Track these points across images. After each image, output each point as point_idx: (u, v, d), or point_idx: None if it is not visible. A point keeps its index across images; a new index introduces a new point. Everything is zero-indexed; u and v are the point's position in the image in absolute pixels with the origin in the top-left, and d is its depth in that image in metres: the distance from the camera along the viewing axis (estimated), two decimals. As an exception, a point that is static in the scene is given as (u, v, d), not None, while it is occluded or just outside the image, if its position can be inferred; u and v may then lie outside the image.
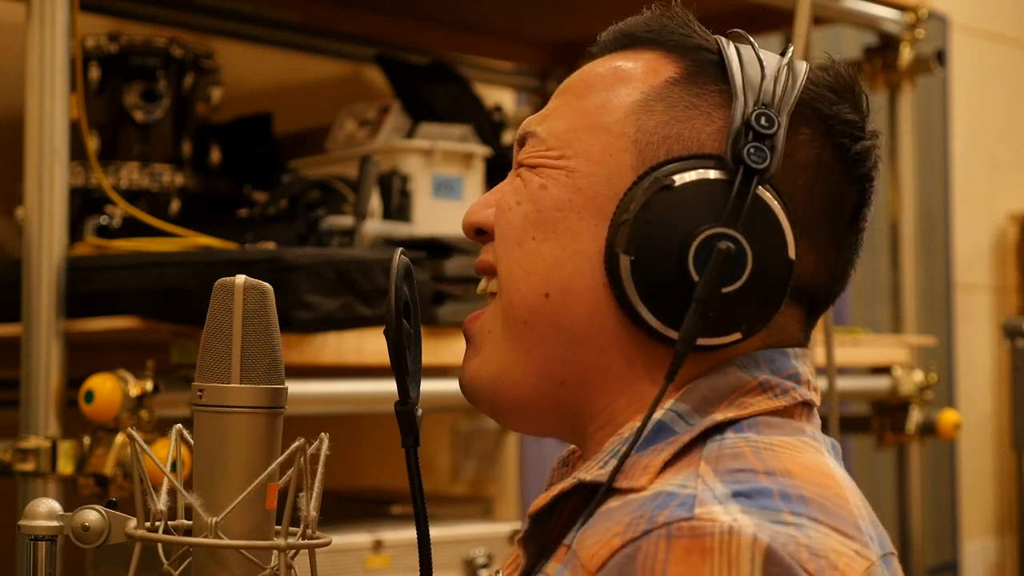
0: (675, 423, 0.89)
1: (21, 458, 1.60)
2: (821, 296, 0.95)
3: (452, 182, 2.16)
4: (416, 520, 0.96)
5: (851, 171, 0.93)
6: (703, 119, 0.91)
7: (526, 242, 0.93)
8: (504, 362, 0.95)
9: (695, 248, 0.86)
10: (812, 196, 0.92)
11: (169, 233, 1.80)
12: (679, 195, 0.88)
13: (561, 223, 0.92)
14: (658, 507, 0.81)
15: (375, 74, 2.58)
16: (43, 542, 0.89)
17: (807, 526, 0.80)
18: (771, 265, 0.88)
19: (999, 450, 4.12)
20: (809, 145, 0.92)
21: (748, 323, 0.89)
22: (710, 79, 0.93)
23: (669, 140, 0.91)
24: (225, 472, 0.84)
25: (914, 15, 2.57)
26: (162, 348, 1.67)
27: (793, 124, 0.90)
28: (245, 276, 0.86)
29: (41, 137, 1.64)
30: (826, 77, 0.94)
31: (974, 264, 4.12)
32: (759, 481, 0.82)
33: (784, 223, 0.88)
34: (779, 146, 0.88)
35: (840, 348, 2.16)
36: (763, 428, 0.88)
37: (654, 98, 0.93)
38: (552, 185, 0.93)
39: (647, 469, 0.86)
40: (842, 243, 0.94)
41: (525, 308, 0.93)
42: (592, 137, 0.93)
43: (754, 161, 0.87)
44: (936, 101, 3.91)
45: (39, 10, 1.65)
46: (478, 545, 1.99)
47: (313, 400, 1.78)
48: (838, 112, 0.93)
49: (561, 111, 0.96)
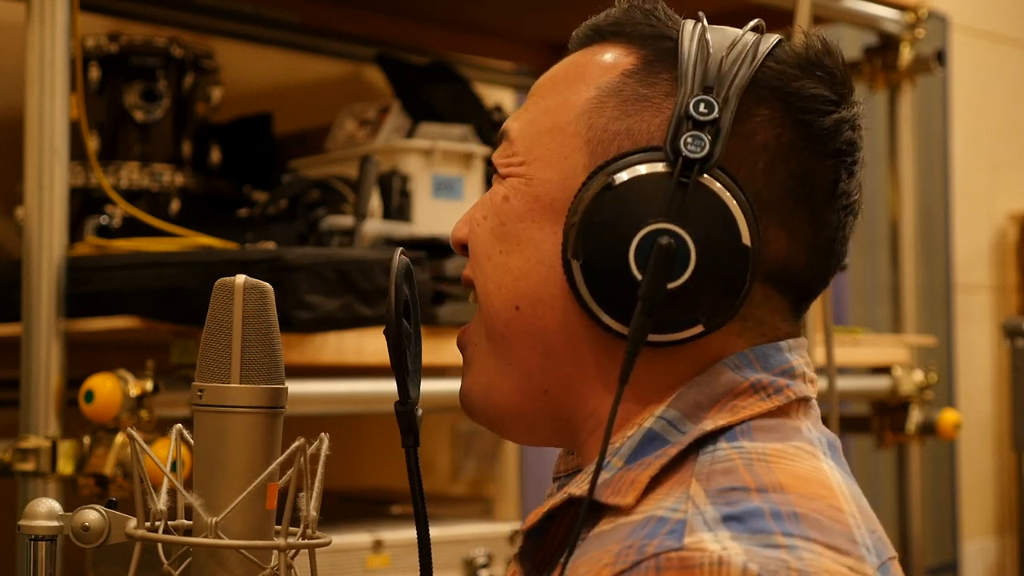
0: (667, 432, 0.88)
1: (21, 458, 1.60)
2: (805, 281, 0.93)
3: (452, 182, 2.16)
4: (416, 520, 0.96)
5: (821, 147, 0.91)
6: (652, 111, 0.90)
7: (494, 256, 0.94)
8: (490, 375, 0.95)
9: (635, 246, 0.85)
10: (776, 178, 0.89)
11: (169, 233, 1.80)
12: (621, 193, 0.87)
13: (523, 234, 0.92)
14: (648, 535, 0.80)
15: (375, 74, 2.58)
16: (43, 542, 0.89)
17: (799, 547, 0.79)
18: (723, 254, 0.86)
19: (999, 450, 4.12)
20: (768, 125, 0.90)
21: (708, 315, 0.87)
22: (664, 68, 0.91)
23: (619, 136, 0.90)
24: (225, 472, 0.84)
25: (914, 15, 2.57)
26: (162, 348, 1.67)
27: (748, 106, 0.89)
28: (245, 276, 0.86)
29: (41, 137, 1.64)
30: (793, 52, 0.91)
31: (974, 264, 4.12)
32: (751, 500, 0.81)
33: (735, 209, 0.86)
34: (723, 132, 0.86)
35: (840, 348, 2.16)
36: (756, 434, 0.87)
37: (607, 93, 0.92)
38: (513, 196, 0.93)
39: (634, 485, 0.85)
40: (820, 222, 0.92)
41: (500, 322, 0.93)
42: (549, 139, 0.93)
43: (691, 151, 0.86)
44: (936, 101, 3.91)
45: (39, 10, 1.64)
46: (478, 545, 1.98)
47: (313, 400, 1.78)
48: (800, 88, 0.90)
49: (528, 111, 0.96)
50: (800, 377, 0.92)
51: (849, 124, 0.92)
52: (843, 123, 0.91)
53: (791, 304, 0.93)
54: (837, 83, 0.92)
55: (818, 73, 0.91)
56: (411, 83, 2.35)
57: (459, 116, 2.27)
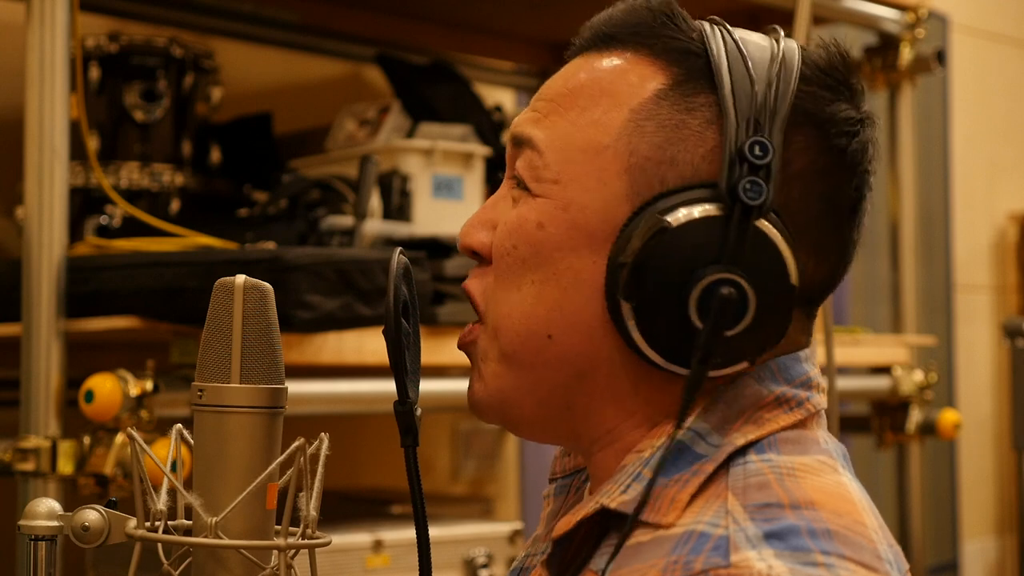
0: (695, 443, 0.88)
1: (21, 458, 1.60)
2: (821, 292, 0.94)
3: (452, 182, 2.16)
4: (416, 520, 0.96)
5: (850, 169, 0.90)
6: (695, 139, 0.88)
7: (525, 286, 0.92)
8: (507, 389, 0.94)
9: (698, 295, 0.84)
10: (809, 203, 0.89)
11: (169, 233, 1.80)
12: (676, 236, 0.85)
13: (561, 263, 0.90)
14: (692, 551, 0.80)
15: (375, 74, 2.58)
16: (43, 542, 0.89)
17: (836, 566, 0.79)
18: (775, 296, 0.86)
19: (999, 450, 4.12)
20: (804, 153, 0.89)
21: (753, 353, 0.88)
22: (699, 89, 0.89)
23: (663, 166, 0.88)
24: (225, 472, 0.84)
25: (914, 15, 2.57)
26: (162, 348, 1.67)
27: (787, 134, 0.87)
28: (245, 276, 0.86)
29: (41, 137, 1.64)
30: (819, 69, 0.90)
31: (974, 264, 4.12)
32: (787, 517, 0.82)
33: (785, 251, 0.86)
34: (774, 172, 0.85)
35: (840, 348, 2.16)
36: (782, 446, 0.88)
37: (644, 116, 0.90)
38: (549, 223, 0.91)
39: (674, 504, 0.85)
40: (843, 240, 0.92)
41: (528, 351, 0.92)
42: (585, 160, 0.90)
43: (750, 197, 0.84)
44: (936, 101, 3.91)
45: (39, 10, 1.64)
46: (478, 545, 1.98)
47: (313, 400, 1.77)
48: (834, 113, 0.89)
49: (553, 120, 0.93)
50: (815, 388, 0.92)
51: (872, 142, 0.92)
52: (868, 143, 0.91)
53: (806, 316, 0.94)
54: (858, 99, 0.91)
55: (844, 92, 0.91)
56: (411, 83, 2.35)
57: (459, 116, 2.27)
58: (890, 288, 2.67)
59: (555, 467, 1.01)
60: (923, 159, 3.70)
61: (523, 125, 0.94)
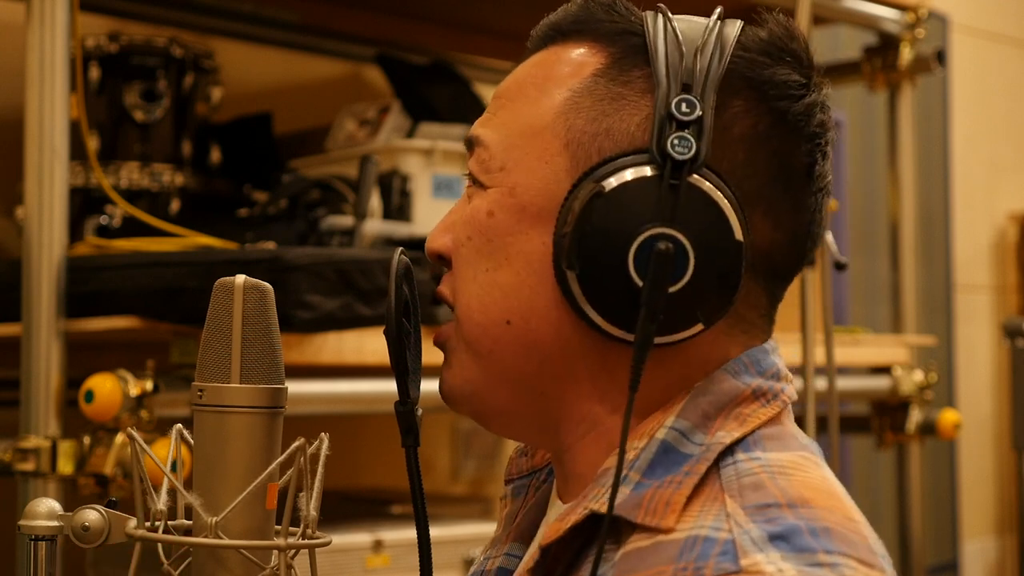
0: (680, 443, 0.88)
1: (21, 458, 1.60)
2: (784, 267, 0.93)
3: (452, 182, 2.16)
4: (416, 520, 0.96)
5: (796, 132, 0.90)
6: (630, 109, 0.89)
7: (479, 275, 0.92)
8: (477, 380, 0.94)
9: (634, 253, 0.85)
10: (757, 167, 0.89)
11: (169, 233, 1.80)
12: (612, 200, 0.86)
13: (512, 248, 0.91)
14: (699, 557, 0.80)
15: (375, 74, 2.58)
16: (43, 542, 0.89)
17: (840, 564, 0.80)
18: (718, 252, 0.86)
19: (999, 450, 4.12)
20: (744, 116, 0.89)
21: (707, 313, 0.87)
22: (636, 64, 0.90)
23: (599, 137, 0.89)
24: (225, 472, 0.84)
25: (914, 15, 2.57)
26: (162, 348, 1.67)
27: (724, 98, 0.88)
28: (245, 276, 0.86)
29: (41, 137, 1.64)
30: (758, 39, 0.91)
31: (974, 264, 4.12)
32: (787, 518, 0.82)
33: (725, 206, 0.86)
34: (707, 129, 0.86)
35: (840, 348, 2.16)
36: (767, 444, 0.88)
37: (581, 93, 0.91)
38: (498, 210, 0.92)
39: (671, 506, 0.85)
40: (800, 206, 0.92)
41: (489, 339, 0.92)
42: (526, 143, 0.92)
43: (679, 152, 0.85)
44: (936, 101, 3.92)
45: (39, 10, 1.65)
46: (478, 545, 1.98)
47: (313, 400, 1.78)
48: (772, 76, 0.90)
49: (499, 115, 0.94)
50: (784, 379, 0.93)
51: (820, 107, 0.92)
52: (814, 106, 0.91)
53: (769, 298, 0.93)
54: (804, 66, 0.92)
55: (786, 58, 0.91)
56: (411, 83, 2.35)
57: (459, 116, 2.27)
58: (890, 288, 2.68)
59: (511, 468, 1.01)
60: (923, 159, 3.70)
61: (475, 128, 0.96)
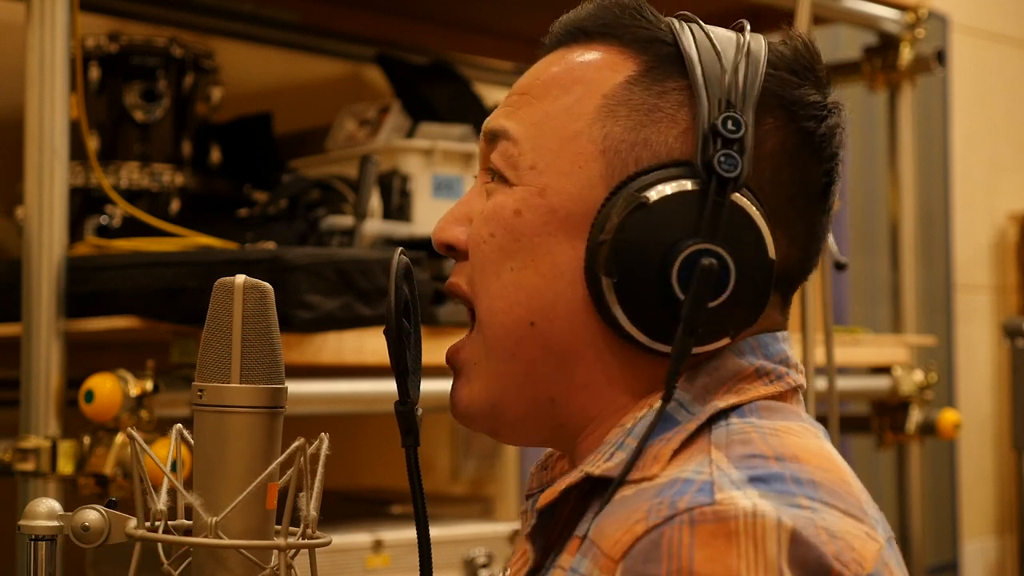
0: (677, 412, 0.89)
1: (21, 458, 1.60)
2: (795, 276, 0.95)
3: (452, 182, 2.16)
4: (416, 520, 0.96)
5: (818, 152, 0.93)
6: (668, 122, 0.90)
7: (504, 273, 0.93)
8: (496, 390, 0.94)
9: (678, 267, 0.86)
10: (780, 184, 0.91)
11: (169, 233, 1.80)
12: (654, 212, 0.87)
13: (539, 249, 0.91)
14: (677, 493, 0.81)
15: (375, 74, 2.58)
16: (43, 542, 0.89)
17: (821, 510, 0.81)
18: (754, 270, 0.88)
19: (999, 450, 4.12)
20: (774, 134, 0.91)
21: (736, 326, 0.89)
22: (670, 75, 0.91)
23: (637, 147, 0.90)
24: (225, 472, 0.84)
25: (914, 15, 2.57)
26: (162, 348, 1.67)
27: (757, 115, 0.89)
28: (245, 276, 0.86)
29: (41, 137, 1.64)
30: (785, 57, 0.93)
31: (974, 264, 4.12)
32: (771, 466, 0.83)
33: (761, 225, 0.88)
34: (748, 147, 0.87)
35: (840, 348, 2.16)
36: (764, 412, 0.89)
37: (616, 101, 0.91)
38: (526, 210, 0.92)
39: (657, 458, 0.86)
40: (813, 223, 0.94)
41: (511, 340, 0.93)
42: (560, 147, 0.92)
43: (725, 170, 0.87)
44: (936, 101, 3.91)
45: (39, 10, 1.65)
46: (478, 545, 1.99)
47: (313, 400, 1.78)
48: (801, 96, 0.92)
49: (524, 112, 0.94)
50: (794, 367, 0.94)
51: (840, 128, 0.94)
52: (836, 128, 0.93)
53: (782, 300, 0.95)
54: (824, 87, 0.94)
55: (811, 78, 0.93)
56: (411, 83, 2.35)
57: (459, 116, 2.27)
58: (890, 288, 2.67)
59: (531, 483, 1.01)
60: (923, 159, 3.70)
61: (496, 119, 0.96)
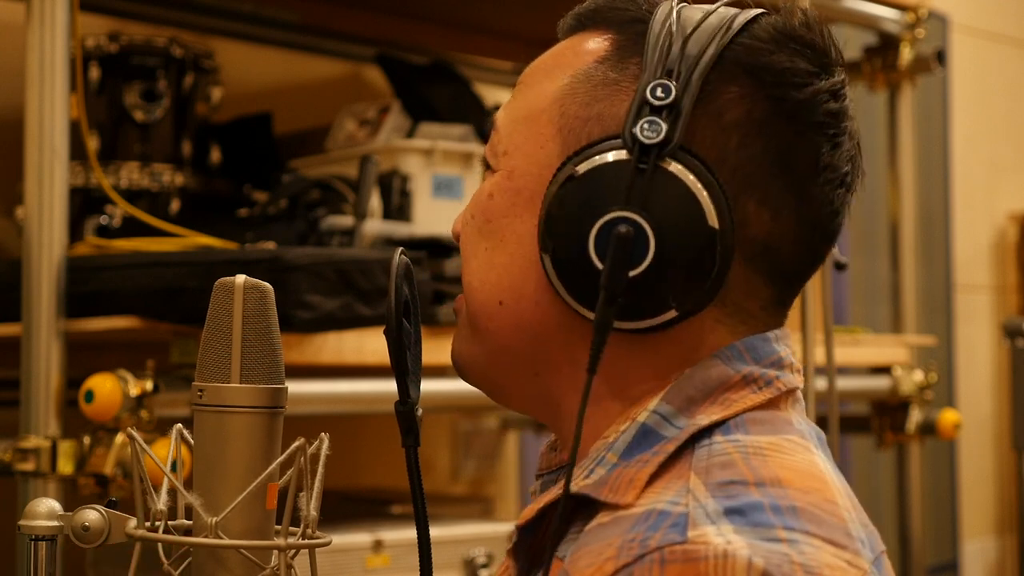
0: (661, 426, 0.88)
1: (21, 458, 1.60)
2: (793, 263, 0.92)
3: (452, 182, 2.16)
4: (416, 520, 0.96)
5: (798, 121, 0.89)
6: (621, 95, 0.90)
7: (479, 253, 0.94)
8: (476, 354, 0.96)
9: (594, 237, 0.86)
10: (752, 153, 0.88)
11: (169, 233, 1.80)
12: (583, 183, 0.87)
13: (507, 230, 0.93)
14: (650, 528, 0.80)
15: (375, 74, 2.58)
16: (43, 542, 0.89)
17: (800, 541, 0.79)
18: (686, 238, 0.85)
19: (999, 450, 4.12)
20: (738, 103, 0.88)
21: (680, 299, 0.87)
22: (635, 52, 0.91)
23: (590, 122, 0.90)
24: (225, 472, 0.84)
25: (914, 15, 2.57)
26: (162, 348, 1.67)
27: (717, 85, 0.88)
28: (245, 276, 0.86)
29: (41, 137, 1.64)
30: (771, 26, 0.90)
31: (974, 264, 4.12)
32: (750, 494, 0.81)
33: (698, 192, 0.85)
34: (684, 113, 0.86)
35: (840, 348, 2.16)
36: (751, 427, 0.87)
37: (579, 79, 0.92)
38: (497, 193, 0.93)
39: (633, 483, 0.85)
40: (806, 197, 0.90)
41: (485, 317, 0.94)
42: (525, 128, 0.93)
43: (647, 136, 0.86)
44: (936, 101, 3.91)
45: (39, 10, 1.64)
46: (478, 545, 1.99)
47: (313, 400, 1.78)
48: (771, 63, 0.89)
49: (514, 102, 0.96)
50: (788, 368, 0.92)
51: (829, 95, 0.90)
52: (820, 94, 0.89)
53: (775, 292, 0.92)
54: (817, 54, 0.90)
55: (792, 46, 0.90)
56: (411, 83, 2.35)
57: (459, 116, 2.27)
58: (890, 288, 2.67)
59: (541, 463, 1.01)
60: (923, 159, 3.70)
61: (496, 113, 0.98)
